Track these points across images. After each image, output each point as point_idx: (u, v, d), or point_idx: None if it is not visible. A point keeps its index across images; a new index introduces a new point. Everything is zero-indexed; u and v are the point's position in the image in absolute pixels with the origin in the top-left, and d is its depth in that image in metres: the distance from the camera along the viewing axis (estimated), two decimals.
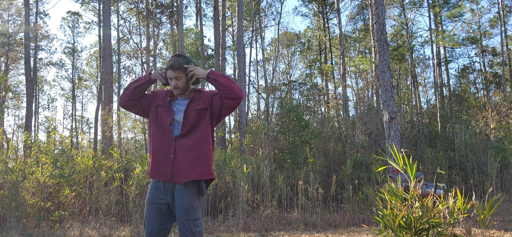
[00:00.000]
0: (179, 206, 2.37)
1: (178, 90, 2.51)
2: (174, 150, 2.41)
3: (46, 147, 7.26)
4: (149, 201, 2.46)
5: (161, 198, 2.45)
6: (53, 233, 5.80)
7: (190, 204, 2.37)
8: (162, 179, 2.43)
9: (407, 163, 3.19)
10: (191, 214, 2.36)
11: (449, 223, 3.19)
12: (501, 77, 19.50)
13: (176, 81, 2.49)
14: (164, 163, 2.42)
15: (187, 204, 2.36)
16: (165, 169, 2.41)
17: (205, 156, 2.44)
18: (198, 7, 19.10)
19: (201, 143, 2.44)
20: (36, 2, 20.44)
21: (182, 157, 2.40)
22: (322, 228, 6.30)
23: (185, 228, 2.34)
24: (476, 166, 9.70)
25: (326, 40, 21.06)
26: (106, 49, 12.33)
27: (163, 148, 2.44)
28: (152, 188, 2.49)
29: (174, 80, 2.49)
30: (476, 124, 13.21)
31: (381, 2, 7.73)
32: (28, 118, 14.25)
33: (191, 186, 2.40)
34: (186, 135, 2.44)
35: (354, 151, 10.23)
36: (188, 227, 2.34)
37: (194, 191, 2.41)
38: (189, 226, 2.34)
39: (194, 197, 2.40)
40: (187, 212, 2.35)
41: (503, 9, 19.14)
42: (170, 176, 2.40)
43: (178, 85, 2.50)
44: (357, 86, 23.08)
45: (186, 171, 2.38)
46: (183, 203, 2.36)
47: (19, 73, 24.27)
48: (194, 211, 2.38)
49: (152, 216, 2.44)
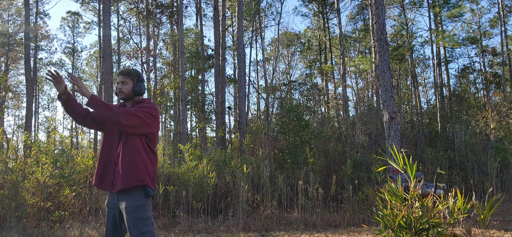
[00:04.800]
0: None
1: (121, 95, 2.62)
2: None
3: (46, 147, 7.25)
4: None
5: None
6: (53, 233, 5.80)
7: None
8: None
9: (407, 163, 3.19)
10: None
11: (449, 223, 3.19)
12: (501, 77, 19.49)
13: (121, 85, 2.62)
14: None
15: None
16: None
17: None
18: (198, 7, 19.10)
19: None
20: (36, 2, 20.44)
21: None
22: (322, 228, 6.30)
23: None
24: (476, 166, 9.70)
25: (326, 40, 21.06)
26: (106, 49, 12.32)
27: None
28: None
29: (120, 84, 2.62)
30: (476, 124, 13.20)
31: (381, 2, 7.73)
32: (28, 118, 14.25)
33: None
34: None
35: (354, 151, 10.22)
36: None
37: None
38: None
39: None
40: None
41: (503, 9, 19.14)
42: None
43: (122, 90, 2.61)
44: (357, 86, 23.09)
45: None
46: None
47: (19, 73, 24.29)
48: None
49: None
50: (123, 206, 2.45)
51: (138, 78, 2.65)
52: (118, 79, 2.64)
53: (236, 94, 20.01)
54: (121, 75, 2.63)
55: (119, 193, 2.47)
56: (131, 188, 2.44)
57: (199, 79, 17.82)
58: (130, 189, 2.44)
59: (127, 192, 2.45)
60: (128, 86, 2.62)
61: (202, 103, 15.96)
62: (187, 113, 17.01)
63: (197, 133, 16.04)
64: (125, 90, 2.61)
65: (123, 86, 2.62)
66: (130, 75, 2.63)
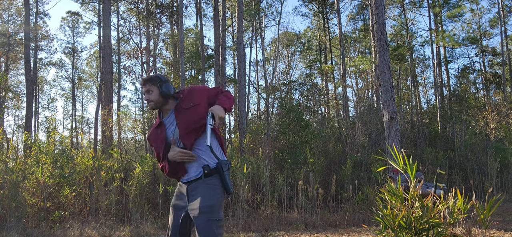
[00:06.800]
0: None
1: (151, 104, 2.50)
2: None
3: (46, 147, 7.26)
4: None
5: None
6: (53, 233, 5.80)
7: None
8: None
9: (407, 163, 3.19)
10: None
11: (449, 223, 3.19)
12: (501, 77, 19.49)
13: (147, 95, 2.50)
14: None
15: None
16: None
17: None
18: (198, 7, 19.09)
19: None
20: (36, 2, 20.44)
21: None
22: (322, 228, 6.30)
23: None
24: (476, 166, 9.70)
25: (326, 40, 21.06)
26: (106, 49, 12.33)
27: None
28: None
29: (146, 95, 2.51)
30: (476, 124, 13.20)
31: (381, 2, 7.73)
32: (28, 118, 14.25)
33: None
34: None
35: (354, 151, 10.22)
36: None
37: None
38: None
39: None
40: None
41: (503, 9, 19.14)
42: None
43: (150, 99, 2.50)
44: (357, 86, 23.06)
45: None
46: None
47: (19, 73, 24.28)
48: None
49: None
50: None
51: (160, 80, 2.51)
52: (143, 90, 2.52)
53: (236, 94, 20.01)
54: (143, 86, 2.52)
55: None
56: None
57: (199, 79, 17.82)
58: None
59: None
60: (155, 93, 2.48)
61: None
62: None
63: None
64: (153, 98, 2.48)
65: (150, 95, 2.49)
66: (152, 81, 2.49)
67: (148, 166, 7.41)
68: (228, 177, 2.34)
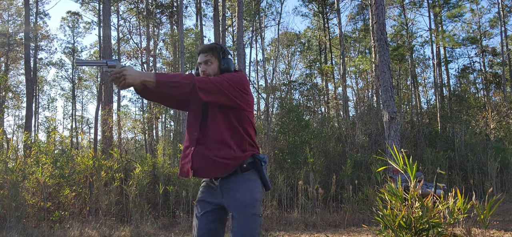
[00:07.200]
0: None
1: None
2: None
3: (46, 147, 7.25)
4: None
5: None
6: (53, 233, 5.80)
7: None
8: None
9: (407, 163, 3.19)
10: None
11: (449, 223, 3.19)
12: (501, 77, 19.49)
13: (204, 66, 2.13)
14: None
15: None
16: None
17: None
18: (198, 7, 19.10)
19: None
20: (36, 2, 20.44)
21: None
22: (322, 228, 6.30)
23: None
24: (476, 166, 9.70)
25: (326, 40, 21.06)
26: (106, 49, 12.33)
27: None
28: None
29: (203, 65, 2.13)
30: (476, 124, 13.20)
31: (381, 2, 7.73)
32: (28, 118, 14.25)
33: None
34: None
35: (354, 151, 10.22)
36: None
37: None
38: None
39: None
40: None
41: (503, 9, 19.14)
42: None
43: (207, 71, 2.11)
44: (357, 86, 23.07)
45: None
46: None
47: (19, 73, 24.28)
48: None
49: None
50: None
51: (223, 51, 2.16)
52: (199, 59, 2.14)
53: None
54: (202, 53, 2.13)
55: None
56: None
57: None
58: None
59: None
60: (214, 66, 2.12)
61: None
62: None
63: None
64: (211, 72, 2.11)
65: (208, 67, 2.11)
66: (214, 51, 2.13)
67: (148, 166, 7.41)
68: (265, 172, 2.12)
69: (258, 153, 2.14)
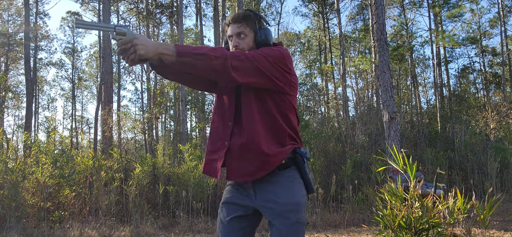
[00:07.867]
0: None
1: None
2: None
3: (46, 147, 7.26)
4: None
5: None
6: (53, 233, 5.80)
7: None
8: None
9: (407, 163, 3.19)
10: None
11: (449, 223, 3.19)
12: (501, 77, 19.50)
13: (237, 40, 1.73)
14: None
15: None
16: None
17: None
18: (198, 7, 19.11)
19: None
20: (36, 2, 20.44)
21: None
22: (322, 228, 6.30)
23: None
24: (476, 166, 9.70)
25: (326, 40, 21.07)
26: (106, 49, 12.33)
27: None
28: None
29: (235, 39, 1.74)
30: (476, 124, 13.21)
31: (381, 2, 7.73)
32: (28, 118, 14.25)
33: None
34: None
35: (354, 151, 10.23)
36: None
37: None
38: None
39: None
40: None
41: (503, 9, 19.14)
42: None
43: (240, 46, 1.72)
44: (357, 86, 23.07)
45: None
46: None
47: (19, 73, 24.27)
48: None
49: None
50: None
51: (259, 20, 1.75)
52: (230, 31, 1.75)
53: None
54: (234, 24, 1.72)
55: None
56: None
57: None
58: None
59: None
60: (249, 39, 1.73)
61: (202, 103, 15.95)
62: (187, 113, 17.00)
63: (197, 133, 16.03)
64: (245, 46, 1.72)
65: (241, 40, 1.72)
66: (248, 21, 1.72)
67: (148, 166, 7.41)
68: (308, 171, 1.73)
69: (300, 146, 1.74)
